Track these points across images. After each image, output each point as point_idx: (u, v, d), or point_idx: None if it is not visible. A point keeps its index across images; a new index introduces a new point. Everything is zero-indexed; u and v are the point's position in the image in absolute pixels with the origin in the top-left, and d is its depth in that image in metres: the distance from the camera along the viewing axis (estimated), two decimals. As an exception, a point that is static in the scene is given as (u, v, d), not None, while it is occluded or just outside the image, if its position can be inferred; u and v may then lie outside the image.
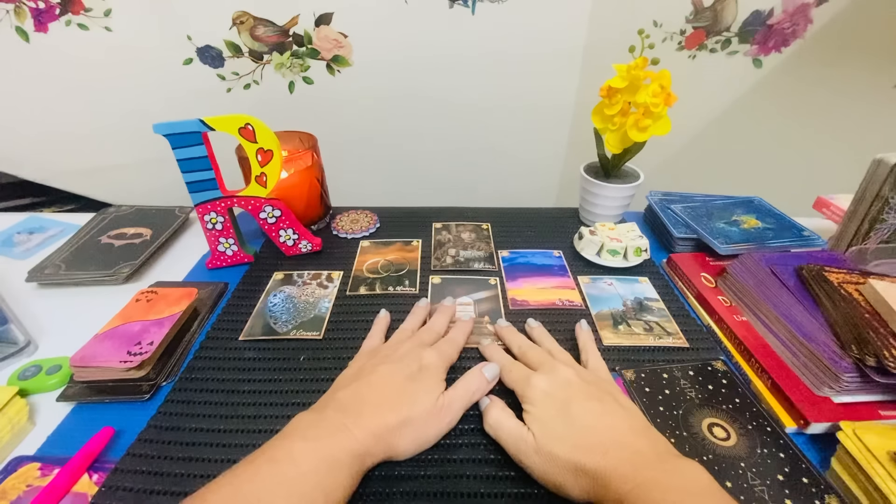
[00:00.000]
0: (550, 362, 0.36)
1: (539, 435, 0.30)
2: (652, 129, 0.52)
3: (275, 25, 0.84)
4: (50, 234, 0.60)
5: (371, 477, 0.31)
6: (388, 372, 0.34)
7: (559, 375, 0.34)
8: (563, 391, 0.33)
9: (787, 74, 0.90)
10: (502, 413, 0.33)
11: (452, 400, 0.34)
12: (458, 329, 0.41)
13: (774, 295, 0.41)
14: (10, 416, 0.34)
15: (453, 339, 0.39)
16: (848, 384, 0.33)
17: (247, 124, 0.46)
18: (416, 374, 0.34)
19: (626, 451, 0.28)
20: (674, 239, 0.55)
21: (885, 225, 0.47)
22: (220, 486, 0.25)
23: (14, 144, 0.90)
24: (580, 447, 0.29)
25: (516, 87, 0.93)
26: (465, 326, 0.42)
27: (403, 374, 0.34)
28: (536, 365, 0.36)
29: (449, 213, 0.63)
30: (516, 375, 0.36)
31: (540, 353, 0.38)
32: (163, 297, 0.44)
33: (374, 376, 0.33)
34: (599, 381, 0.34)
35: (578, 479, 0.28)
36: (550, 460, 0.29)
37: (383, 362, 0.35)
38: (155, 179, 0.79)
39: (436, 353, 0.36)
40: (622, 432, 0.29)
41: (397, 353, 0.36)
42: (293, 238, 0.53)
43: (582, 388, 0.33)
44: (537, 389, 0.33)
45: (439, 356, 0.36)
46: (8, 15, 0.78)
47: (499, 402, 0.35)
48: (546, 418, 0.31)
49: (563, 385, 0.33)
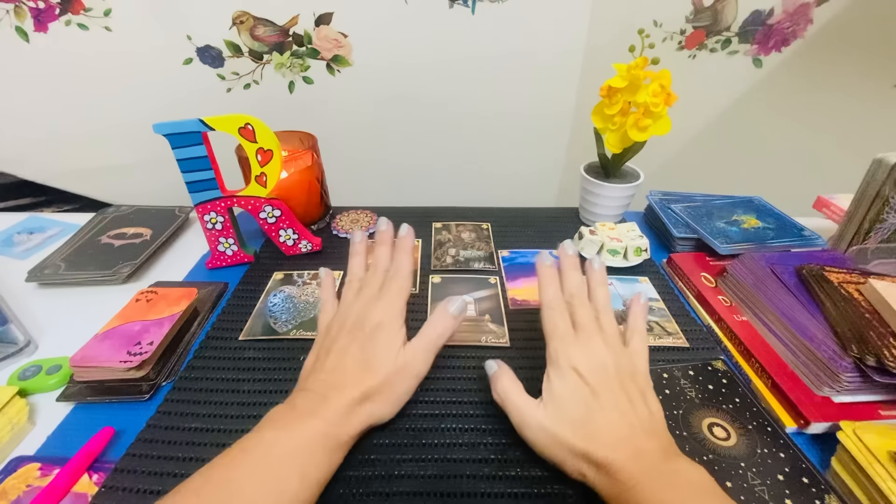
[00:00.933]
0: (591, 332, 0.33)
1: (551, 413, 0.30)
2: (652, 128, 0.52)
3: (275, 25, 0.84)
4: (50, 234, 0.60)
5: (371, 476, 0.31)
6: (342, 348, 0.33)
7: (596, 356, 0.31)
8: (594, 376, 0.30)
9: (788, 74, 0.90)
10: (511, 385, 0.33)
11: (416, 352, 0.34)
12: (399, 255, 0.38)
13: (774, 295, 0.41)
14: (10, 416, 0.34)
15: (398, 273, 0.37)
16: (848, 384, 0.33)
17: (247, 124, 0.46)
18: (367, 339, 0.33)
19: (635, 449, 0.28)
20: (674, 239, 0.55)
21: (885, 225, 0.47)
22: (193, 479, 0.26)
23: (14, 144, 0.90)
24: (591, 438, 0.28)
25: (516, 87, 0.93)
26: (405, 246, 0.38)
27: (357, 344, 0.33)
28: (578, 325, 0.33)
29: (449, 213, 0.63)
30: (560, 330, 0.33)
31: (587, 314, 0.34)
32: (163, 297, 0.44)
33: (329, 358, 0.33)
34: (635, 374, 0.32)
35: (580, 464, 0.28)
36: (556, 441, 0.29)
37: (336, 339, 0.34)
38: (155, 179, 0.79)
39: (383, 302, 0.35)
40: (638, 433, 0.29)
41: (347, 323, 0.35)
42: (293, 238, 0.53)
43: (614, 380, 0.31)
44: (569, 361, 0.31)
45: (388, 305, 0.35)
46: (8, 15, 0.78)
47: (507, 371, 0.34)
48: (565, 398, 0.30)
49: (596, 369, 0.31)
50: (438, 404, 0.36)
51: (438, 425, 0.34)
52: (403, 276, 0.37)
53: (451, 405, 0.36)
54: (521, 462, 0.32)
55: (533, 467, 0.31)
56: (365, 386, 0.31)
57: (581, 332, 0.33)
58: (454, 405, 0.36)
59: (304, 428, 0.29)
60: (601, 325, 0.34)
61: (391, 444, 0.33)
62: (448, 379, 0.38)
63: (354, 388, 0.31)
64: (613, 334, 0.34)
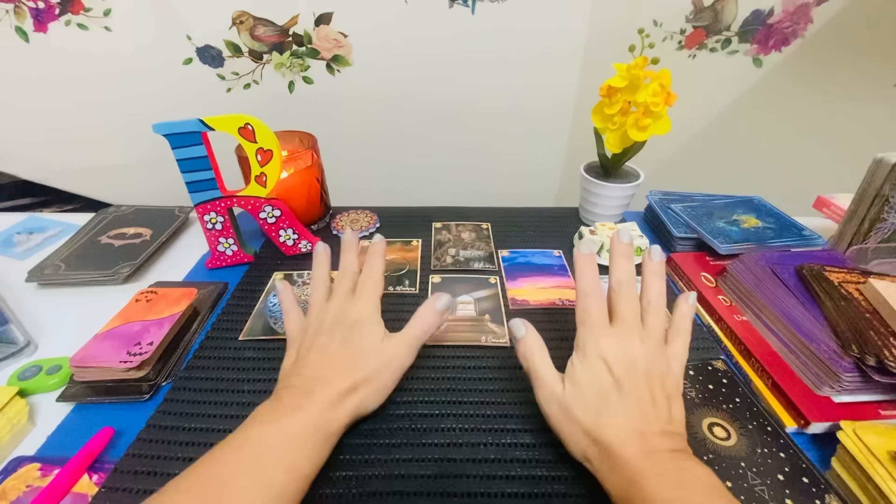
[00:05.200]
0: (630, 326, 0.31)
1: (570, 394, 0.30)
2: (652, 128, 0.52)
3: (274, 25, 0.84)
4: (50, 234, 0.60)
5: (371, 476, 0.31)
6: (323, 345, 0.34)
7: (629, 351, 0.30)
8: (622, 370, 0.30)
9: (788, 74, 0.90)
10: (539, 352, 0.32)
11: (401, 345, 0.34)
12: (371, 258, 0.38)
13: (775, 294, 0.41)
14: (10, 416, 0.34)
15: (371, 273, 0.37)
16: (848, 384, 0.33)
17: (246, 124, 0.46)
18: (349, 335, 0.34)
19: (647, 447, 0.27)
20: (674, 238, 0.55)
21: (885, 224, 0.47)
22: (182, 477, 0.26)
23: (14, 144, 0.90)
24: (606, 427, 0.28)
25: (516, 87, 0.92)
26: (376, 251, 0.39)
27: (337, 341, 0.34)
28: (617, 316, 0.32)
29: (449, 213, 0.63)
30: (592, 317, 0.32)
31: (632, 308, 0.32)
32: (163, 297, 0.44)
33: (311, 355, 0.33)
34: (667, 377, 0.30)
35: (588, 447, 0.28)
36: (569, 418, 0.29)
37: (315, 337, 0.34)
38: (155, 179, 0.79)
39: (360, 300, 0.36)
40: (654, 432, 0.28)
41: (325, 323, 0.35)
42: (293, 238, 0.53)
43: (642, 378, 0.30)
44: (598, 349, 0.30)
45: (365, 302, 0.36)
46: (7, 15, 0.78)
47: (536, 335, 0.33)
48: (586, 385, 0.30)
49: (625, 364, 0.30)
50: (438, 404, 0.36)
51: (438, 425, 0.34)
52: (376, 276, 0.38)
53: (451, 405, 0.36)
54: (522, 462, 0.32)
55: (533, 467, 0.31)
56: (353, 378, 0.32)
57: (619, 324, 0.32)
58: (454, 405, 0.36)
59: (291, 421, 0.29)
60: (645, 321, 0.32)
61: (391, 444, 0.33)
62: (448, 379, 0.38)
63: (341, 380, 0.31)
64: (656, 332, 0.32)
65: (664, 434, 0.28)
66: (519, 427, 0.34)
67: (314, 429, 0.29)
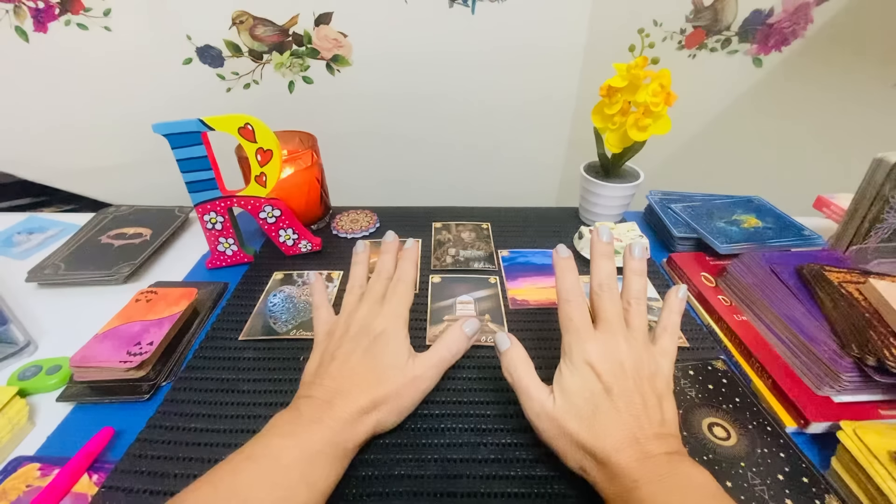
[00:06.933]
0: (614, 327, 0.31)
1: (560, 405, 0.29)
2: (652, 128, 0.52)
3: (274, 25, 0.84)
4: (50, 234, 0.60)
5: (371, 476, 0.31)
6: (347, 353, 0.33)
7: (614, 353, 0.30)
8: (609, 374, 0.29)
9: (788, 73, 0.90)
10: (522, 365, 0.32)
11: (427, 367, 0.34)
12: (403, 263, 0.39)
13: (774, 294, 0.41)
14: (10, 416, 0.34)
15: (402, 277, 0.38)
16: (848, 384, 0.33)
17: (246, 124, 0.46)
18: (372, 346, 0.33)
19: (641, 452, 0.27)
20: (674, 238, 0.55)
21: (885, 224, 0.47)
22: (199, 487, 0.25)
23: (14, 144, 0.90)
24: (599, 436, 0.28)
25: (516, 87, 0.92)
26: (409, 255, 0.39)
27: (361, 352, 0.33)
28: (600, 319, 0.32)
29: (449, 213, 0.63)
30: (574, 323, 0.31)
31: (614, 308, 0.32)
32: (162, 297, 0.44)
33: (334, 363, 0.33)
34: (655, 376, 0.30)
35: (582, 459, 0.28)
36: (562, 433, 0.29)
37: (340, 344, 0.34)
38: (155, 179, 0.79)
39: (387, 310, 0.35)
40: (647, 437, 0.27)
41: (351, 329, 0.35)
42: (293, 238, 0.53)
43: (630, 380, 0.29)
44: (584, 354, 0.30)
45: (392, 312, 0.35)
46: (7, 15, 0.78)
47: (519, 349, 0.33)
48: (575, 393, 0.29)
49: (612, 367, 0.30)
50: (438, 404, 0.36)
51: (438, 425, 0.34)
52: (407, 283, 0.37)
53: (451, 405, 0.36)
54: (522, 462, 0.32)
55: (533, 467, 0.31)
56: (373, 394, 0.31)
57: (603, 327, 0.31)
58: (454, 405, 0.36)
59: (310, 436, 0.28)
60: (628, 320, 0.32)
61: (391, 444, 0.33)
62: (448, 379, 0.38)
63: (362, 395, 0.31)
64: (640, 331, 0.32)
65: (658, 437, 0.28)
66: (519, 427, 0.34)
67: (333, 446, 0.29)
